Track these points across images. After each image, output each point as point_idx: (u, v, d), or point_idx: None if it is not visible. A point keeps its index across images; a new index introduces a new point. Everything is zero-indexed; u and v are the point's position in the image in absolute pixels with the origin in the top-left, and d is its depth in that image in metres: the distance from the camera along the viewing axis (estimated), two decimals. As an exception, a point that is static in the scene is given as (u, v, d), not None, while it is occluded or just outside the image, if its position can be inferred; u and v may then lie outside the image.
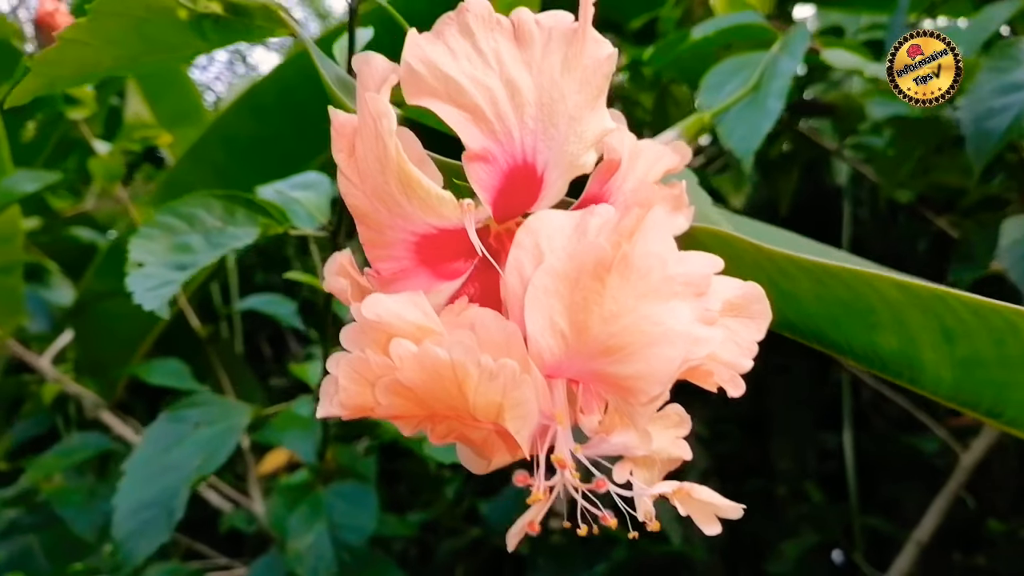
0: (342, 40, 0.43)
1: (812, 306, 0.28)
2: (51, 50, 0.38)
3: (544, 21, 0.25)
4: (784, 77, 0.52)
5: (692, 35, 0.62)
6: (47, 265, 1.18)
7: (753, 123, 0.51)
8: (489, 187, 0.23)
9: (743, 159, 0.51)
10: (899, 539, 1.20)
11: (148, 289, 0.40)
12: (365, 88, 0.24)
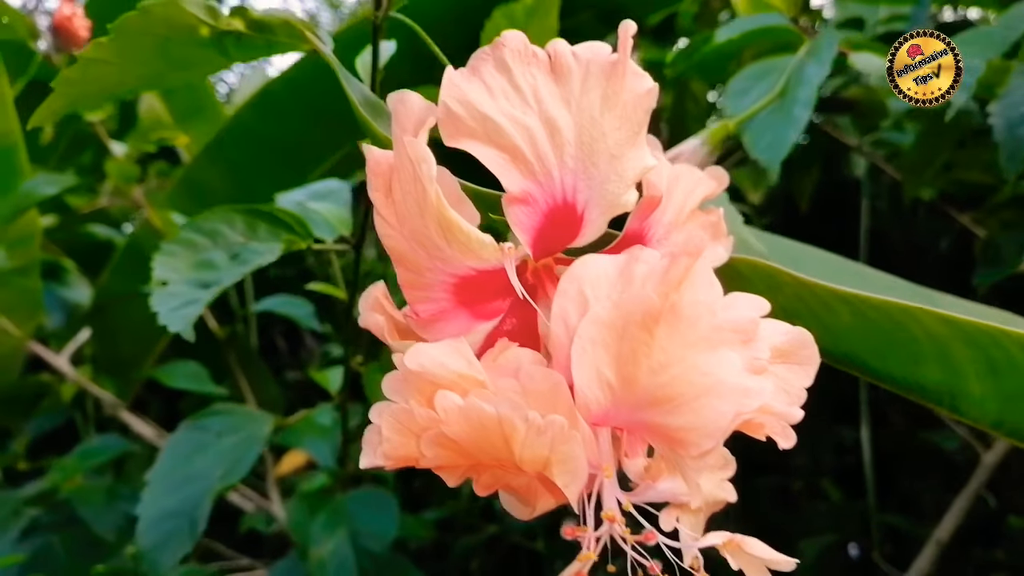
0: (365, 55, 0.42)
1: (854, 337, 0.27)
2: (73, 69, 0.38)
3: (581, 54, 0.24)
4: (811, 85, 0.51)
5: (715, 38, 0.61)
6: (64, 264, 1.18)
7: (779, 132, 0.50)
8: (529, 229, 0.23)
9: (769, 169, 0.50)
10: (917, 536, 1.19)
11: (172, 309, 0.39)
12: (402, 129, 0.23)
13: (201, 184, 1.11)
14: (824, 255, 0.41)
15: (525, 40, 0.24)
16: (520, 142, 0.23)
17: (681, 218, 0.27)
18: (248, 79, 2.45)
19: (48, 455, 1.20)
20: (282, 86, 1.05)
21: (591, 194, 0.23)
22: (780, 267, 0.26)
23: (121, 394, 1.13)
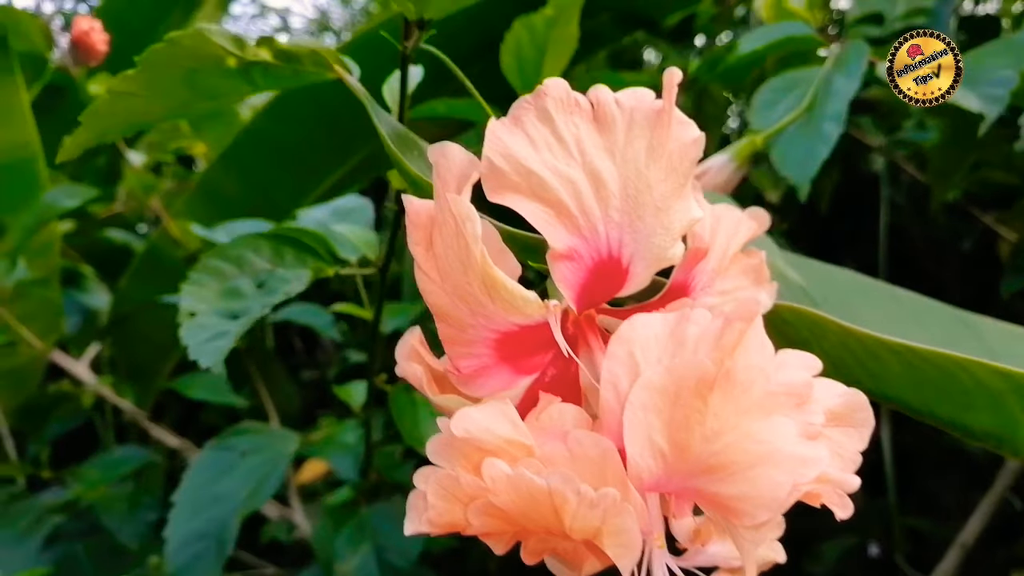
0: (392, 81, 0.41)
1: (901, 385, 0.27)
2: (101, 102, 0.38)
3: (625, 101, 0.24)
4: (841, 99, 0.50)
5: (739, 48, 0.61)
6: (83, 270, 1.19)
7: (808, 148, 0.49)
8: (574, 285, 0.22)
9: (799, 187, 0.49)
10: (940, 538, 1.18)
11: (202, 342, 0.39)
12: (443, 182, 0.23)
13: (218, 190, 1.11)
14: (857, 279, 0.41)
15: (567, 88, 0.23)
16: (565, 196, 0.22)
17: (724, 263, 0.27)
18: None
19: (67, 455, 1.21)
20: (299, 93, 1.05)
21: (637, 248, 0.23)
22: (825, 315, 0.26)
23: (140, 401, 1.14)
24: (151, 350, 1.21)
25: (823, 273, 0.40)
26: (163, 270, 1.13)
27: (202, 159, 1.87)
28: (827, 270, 0.40)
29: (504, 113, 0.25)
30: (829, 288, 0.38)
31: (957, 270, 1.54)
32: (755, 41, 0.60)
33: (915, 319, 0.40)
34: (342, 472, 0.72)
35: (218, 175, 1.09)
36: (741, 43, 0.61)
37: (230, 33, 0.37)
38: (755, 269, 0.28)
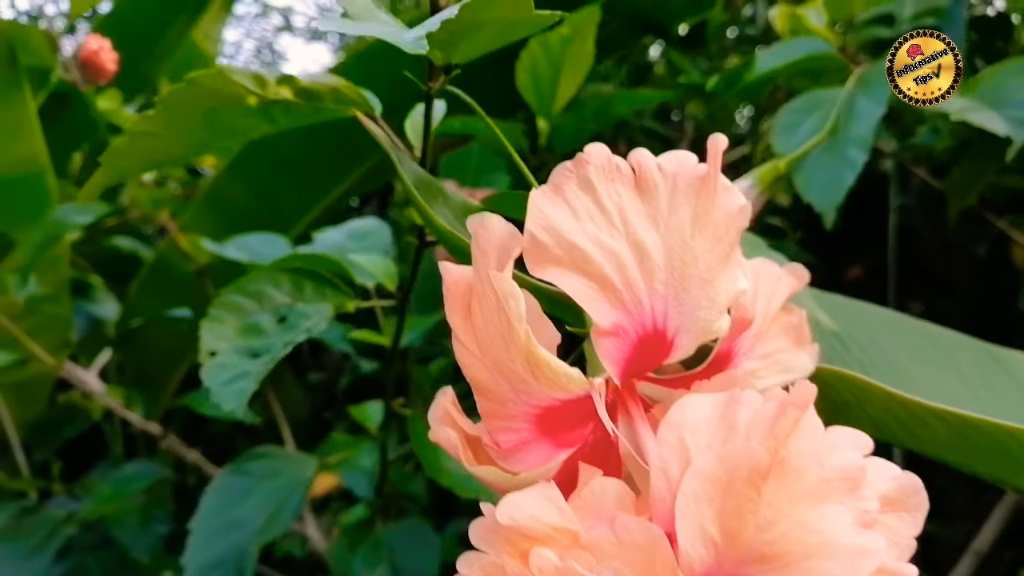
0: (415, 116, 0.41)
1: (947, 448, 0.26)
2: (121, 142, 0.37)
3: (667, 167, 0.23)
4: (866, 123, 0.49)
5: (757, 65, 0.60)
6: (92, 280, 1.18)
7: (833, 174, 0.48)
8: (618, 360, 0.22)
9: (824, 215, 0.48)
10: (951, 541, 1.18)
11: (224, 384, 0.39)
12: (483, 253, 0.22)
13: (225, 200, 1.10)
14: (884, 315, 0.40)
15: (608, 154, 0.23)
16: (609, 270, 0.22)
17: (766, 325, 0.26)
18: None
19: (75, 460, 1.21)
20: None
21: (682, 321, 0.22)
22: (869, 380, 0.25)
23: (149, 411, 1.13)
24: (160, 359, 1.21)
25: (850, 311, 0.39)
26: (172, 281, 1.13)
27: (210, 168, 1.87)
28: (853, 307, 0.40)
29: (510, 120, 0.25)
30: (858, 327, 0.37)
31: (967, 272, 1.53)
32: (774, 59, 0.59)
33: (945, 357, 0.39)
34: (357, 490, 0.71)
35: (225, 185, 1.09)
36: (759, 60, 0.61)
37: (250, 71, 0.37)
38: (795, 328, 0.27)
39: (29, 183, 0.90)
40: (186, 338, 1.19)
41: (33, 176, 0.89)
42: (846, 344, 0.35)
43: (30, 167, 0.89)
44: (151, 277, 1.15)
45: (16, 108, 0.85)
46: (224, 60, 2.72)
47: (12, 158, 0.87)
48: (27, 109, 0.86)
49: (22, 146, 0.87)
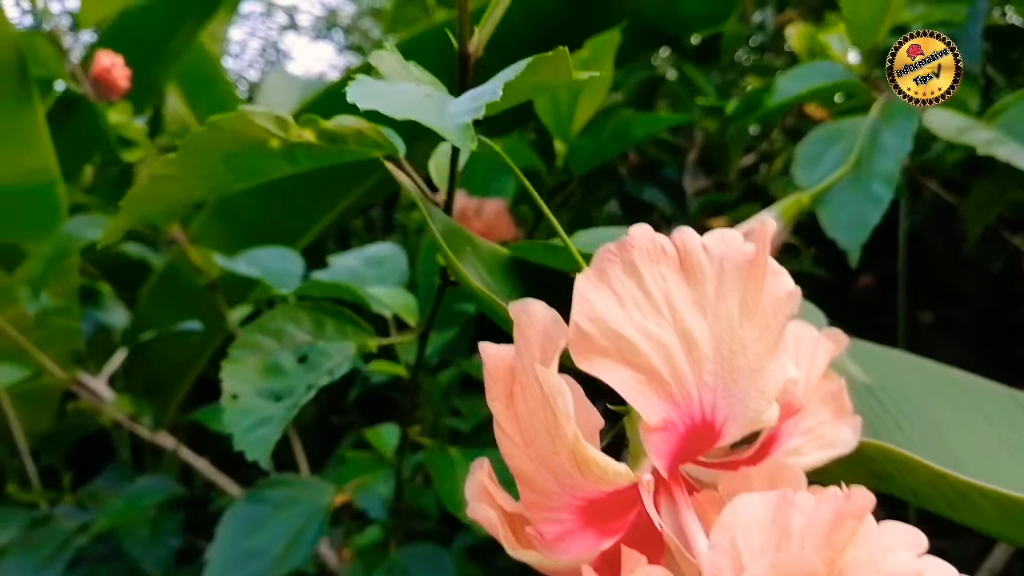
0: (439, 156, 0.40)
1: (991, 522, 0.26)
2: (141, 187, 0.37)
3: (713, 249, 0.22)
4: (891, 159, 0.48)
5: (777, 90, 0.59)
6: (101, 288, 1.18)
7: (857, 210, 0.47)
8: (666, 454, 0.21)
9: (848, 253, 0.47)
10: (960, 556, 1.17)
11: (247, 430, 0.38)
12: (526, 341, 0.22)
13: (234, 210, 1.10)
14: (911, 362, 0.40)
15: (652, 236, 0.22)
16: (657, 362, 0.21)
17: (807, 397, 0.25)
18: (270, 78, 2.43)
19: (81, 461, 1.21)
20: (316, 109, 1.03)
21: (731, 411, 0.22)
22: (913, 456, 0.25)
23: (158, 420, 1.13)
24: (169, 368, 1.21)
25: (880, 360, 0.39)
26: (181, 290, 1.12)
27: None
28: (882, 356, 0.39)
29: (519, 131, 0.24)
30: (889, 380, 0.37)
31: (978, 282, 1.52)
32: (796, 85, 0.58)
33: (974, 405, 0.39)
34: (371, 511, 0.71)
35: (234, 197, 1.08)
36: (780, 85, 0.60)
37: (273, 114, 0.36)
38: (835, 397, 0.27)
39: (39, 194, 0.89)
40: (196, 347, 1.19)
41: (43, 187, 0.89)
42: (879, 399, 0.35)
43: (40, 178, 0.88)
44: (161, 286, 1.15)
45: (26, 119, 0.85)
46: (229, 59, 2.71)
47: (22, 169, 0.87)
48: (37, 120, 0.86)
49: (32, 157, 0.87)
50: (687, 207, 1.19)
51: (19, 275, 0.90)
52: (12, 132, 0.84)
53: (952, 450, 0.35)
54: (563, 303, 0.38)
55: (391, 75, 0.28)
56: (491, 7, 0.33)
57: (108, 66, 0.68)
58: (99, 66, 0.69)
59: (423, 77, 0.30)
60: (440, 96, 0.24)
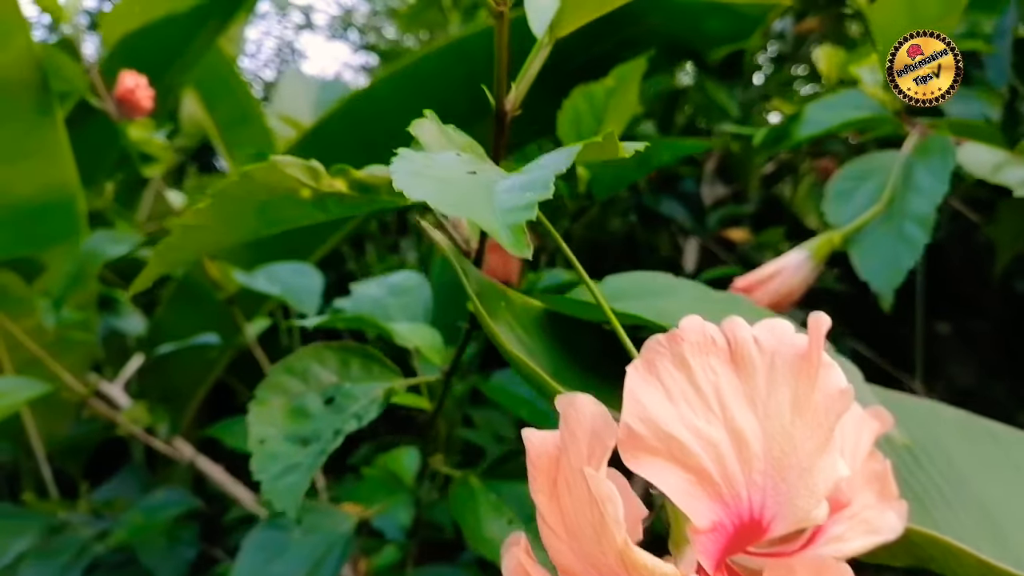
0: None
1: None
2: (173, 237, 0.37)
3: (765, 342, 0.22)
4: (927, 201, 0.47)
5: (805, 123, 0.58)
6: (118, 295, 1.18)
7: (891, 253, 0.46)
8: (714, 554, 0.21)
9: (881, 298, 0.47)
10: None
11: (275, 478, 0.38)
12: (572, 436, 0.21)
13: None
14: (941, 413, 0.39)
15: (702, 327, 0.22)
16: (707, 462, 0.21)
17: (852, 482, 0.25)
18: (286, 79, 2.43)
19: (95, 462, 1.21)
20: (337, 119, 1.03)
21: (779, 510, 0.21)
22: (962, 546, 0.24)
23: (173, 426, 1.14)
24: (186, 375, 1.21)
25: (914, 414, 0.38)
26: (199, 299, 1.13)
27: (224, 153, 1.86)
28: (916, 409, 0.39)
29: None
30: (926, 436, 0.36)
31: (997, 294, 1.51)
32: (826, 115, 0.57)
33: (1006, 454, 0.38)
34: (388, 532, 0.71)
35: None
36: (809, 114, 0.59)
37: (304, 163, 0.36)
38: (880, 478, 0.26)
39: (59, 207, 0.90)
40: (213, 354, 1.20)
41: (64, 201, 0.89)
42: (918, 459, 0.35)
43: (60, 192, 0.89)
44: (178, 294, 1.15)
45: (47, 133, 0.85)
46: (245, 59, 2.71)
47: (42, 183, 0.87)
48: (58, 134, 0.86)
49: (54, 172, 0.87)
50: (706, 221, 1.18)
51: (38, 287, 0.90)
52: (33, 146, 0.84)
53: (990, 513, 0.34)
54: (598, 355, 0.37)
55: (431, 145, 0.28)
56: (527, 64, 0.33)
57: (132, 87, 0.68)
58: (123, 87, 0.69)
59: (460, 141, 0.30)
60: (484, 176, 0.24)
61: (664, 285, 0.42)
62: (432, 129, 0.29)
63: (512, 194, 0.21)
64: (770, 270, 0.50)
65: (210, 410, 1.68)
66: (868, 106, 0.56)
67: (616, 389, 0.22)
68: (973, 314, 1.53)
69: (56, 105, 0.84)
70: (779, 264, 0.50)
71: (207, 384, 1.22)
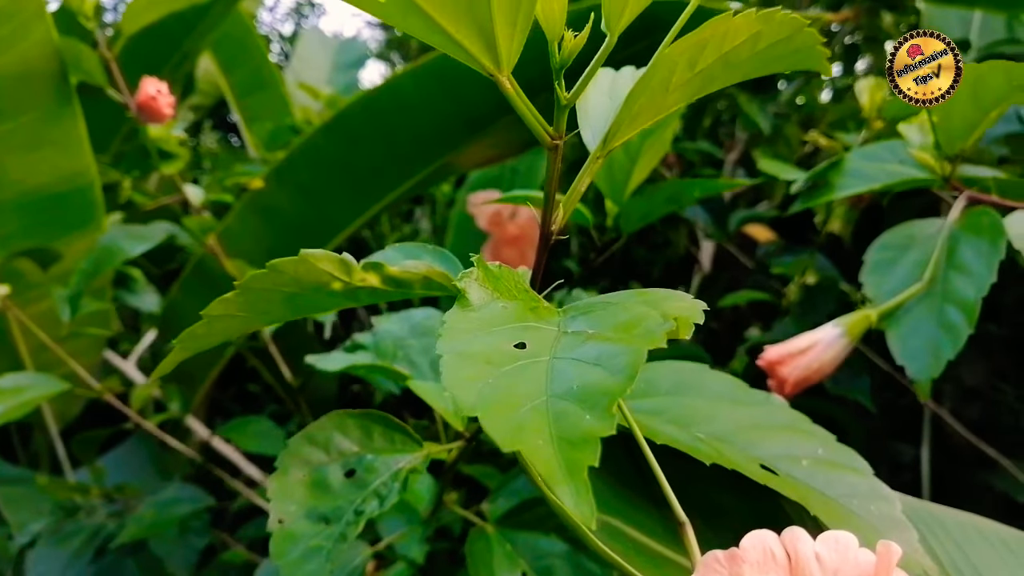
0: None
1: None
2: (200, 327, 0.36)
3: (827, 560, 0.21)
4: (971, 284, 0.44)
5: (846, 175, 0.56)
6: (132, 273, 1.17)
7: (931, 339, 0.45)
8: None
9: (918, 386, 0.45)
10: None
11: (295, 563, 0.38)
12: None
13: (271, 206, 1.08)
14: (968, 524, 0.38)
15: (763, 544, 0.21)
16: None
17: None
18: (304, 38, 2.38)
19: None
20: (358, 111, 1.01)
21: None
22: None
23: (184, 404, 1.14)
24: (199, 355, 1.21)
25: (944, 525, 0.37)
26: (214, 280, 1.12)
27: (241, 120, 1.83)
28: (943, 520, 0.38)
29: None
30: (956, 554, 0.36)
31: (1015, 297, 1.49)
32: (868, 170, 0.55)
33: (1019, 561, 0.38)
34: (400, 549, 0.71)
35: (271, 190, 1.07)
36: (850, 165, 0.57)
37: (337, 258, 0.35)
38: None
39: (78, 196, 0.89)
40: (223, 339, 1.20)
41: (82, 189, 0.88)
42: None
43: (80, 181, 0.88)
44: (193, 276, 1.15)
45: (67, 125, 0.83)
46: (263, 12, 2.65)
47: (62, 173, 0.86)
48: (77, 125, 0.84)
49: (72, 161, 0.86)
50: (727, 223, 1.16)
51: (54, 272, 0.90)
52: (52, 136, 0.83)
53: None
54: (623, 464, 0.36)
55: (480, 304, 0.26)
56: (576, 183, 0.31)
57: (153, 95, 0.67)
58: (144, 94, 0.67)
59: (511, 286, 0.28)
60: (533, 363, 0.22)
61: (691, 377, 0.40)
62: (476, 288, 0.27)
63: (569, 406, 0.20)
64: (803, 343, 0.48)
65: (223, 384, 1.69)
66: (914, 168, 0.54)
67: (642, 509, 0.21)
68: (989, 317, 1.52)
69: (75, 97, 0.82)
70: (812, 338, 0.48)
71: (221, 364, 1.22)
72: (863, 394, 0.74)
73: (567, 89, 0.31)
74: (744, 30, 0.34)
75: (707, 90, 0.36)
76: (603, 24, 0.28)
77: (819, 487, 0.34)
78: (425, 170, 1.05)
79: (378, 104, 1.00)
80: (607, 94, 0.38)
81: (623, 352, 0.22)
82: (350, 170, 1.06)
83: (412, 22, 0.26)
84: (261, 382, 1.58)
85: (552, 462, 0.19)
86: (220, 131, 2.40)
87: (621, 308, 0.26)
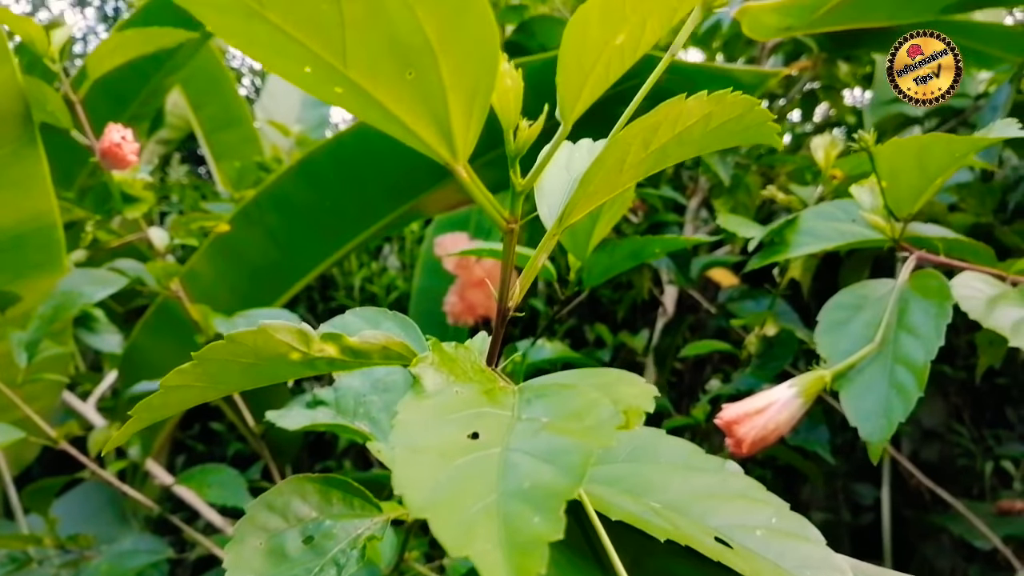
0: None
1: None
2: (156, 397, 0.36)
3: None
4: (920, 346, 0.46)
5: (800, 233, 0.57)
6: (93, 312, 1.16)
7: (882, 400, 0.46)
8: None
9: (869, 448, 0.46)
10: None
11: (250, 636, 0.37)
12: None
13: (237, 248, 1.08)
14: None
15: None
16: None
17: None
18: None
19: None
20: (325, 157, 1.02)
21: None
22: None
23: (145, 449, 1.12)
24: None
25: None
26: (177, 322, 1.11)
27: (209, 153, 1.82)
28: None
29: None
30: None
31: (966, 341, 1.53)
32: (822, 230, 0.57)
33: None
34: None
35: (238, 232, 1.06)
36: (804, 224, 0.58)
37: (295, 329, 0.35)
38: None
39: (40, 237, 0.88)
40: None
41: (44, 230, 0.87)
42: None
43: (43, 221, 0.87)
44: (156, 317, 1.14)
45: (30, 165, 0.83)
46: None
47: (24, 214, 0.85)
48: (40, 166, 0.83)
49: (34, 202, 0.85)
50: (690, 269, 1.17)
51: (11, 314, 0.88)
52: (14, 176, 0.82)
53: None
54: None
55: (434, 391, 0.27)
56: (532, 261, 0.32)
57: (118, 141, 0.66)
58: (108, 141, 0.67)
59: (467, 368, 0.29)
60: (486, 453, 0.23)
61: (648, 442, 0.41)
62: (431, 373, 0.28)
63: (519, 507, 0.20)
64: (759, 403, 0.49)
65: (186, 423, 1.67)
66: (866, 230, 0.55)
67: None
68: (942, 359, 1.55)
69: (38, 136, 0.82)
70: (768, 398, 0.49)
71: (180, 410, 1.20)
72: (822, 446, 0.75)
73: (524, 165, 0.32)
74: (696, 111, 0.35)
75: (661, 166, 0.37)
76: (557, 113, 0.29)
77: (773, 558, 0.35)
78: (392, 214, 1.06)
79: (345, 151, 1.00)
80: (564, 167, 0.39)
81: (574, 449, 0.22)
82: (317, 214, 1.06)
83: (371, 114, 0.26)
84: (225, 420, 1.55)
85: (500, 570, 0.19)
86: (189, 163, 2.39)
87: (575, 392, 0.27)
